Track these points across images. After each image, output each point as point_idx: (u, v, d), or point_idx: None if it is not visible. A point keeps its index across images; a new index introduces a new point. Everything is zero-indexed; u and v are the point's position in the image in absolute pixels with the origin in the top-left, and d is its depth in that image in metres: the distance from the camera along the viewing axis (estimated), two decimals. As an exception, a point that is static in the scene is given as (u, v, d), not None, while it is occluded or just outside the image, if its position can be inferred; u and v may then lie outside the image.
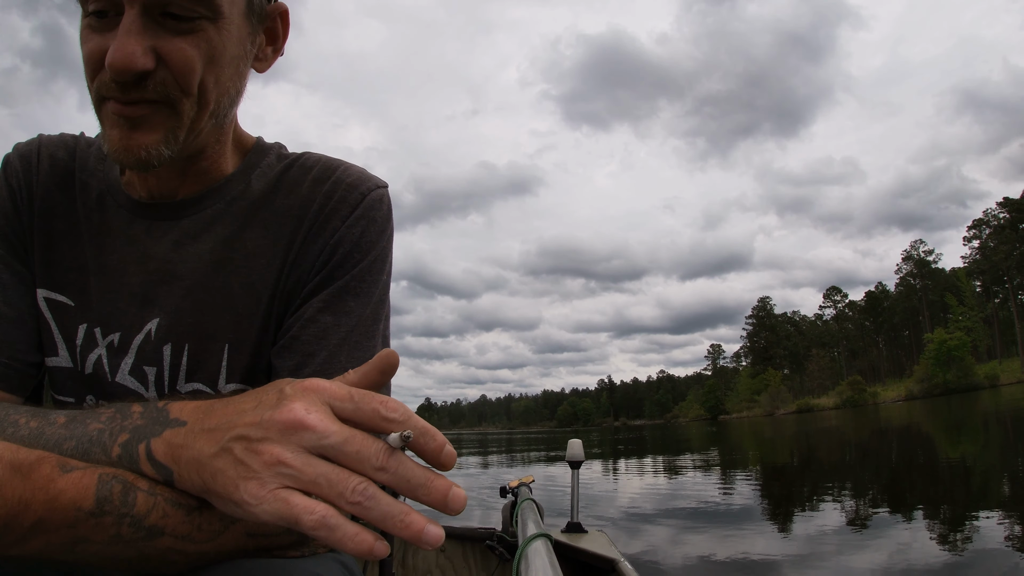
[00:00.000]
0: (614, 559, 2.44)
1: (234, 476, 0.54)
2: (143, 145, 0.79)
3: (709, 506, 10.80)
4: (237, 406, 0.58)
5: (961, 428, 26.70)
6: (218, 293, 0.89)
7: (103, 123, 0.80)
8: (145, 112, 0.78)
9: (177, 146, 0.81)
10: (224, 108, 0.86)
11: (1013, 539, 6.66)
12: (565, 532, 2.85)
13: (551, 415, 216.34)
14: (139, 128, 0.78)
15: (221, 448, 0.55)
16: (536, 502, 2.31)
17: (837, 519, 8.80)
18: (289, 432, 0.53)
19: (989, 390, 73.03)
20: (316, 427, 0.52)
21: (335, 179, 0.93)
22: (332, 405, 0.55)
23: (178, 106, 0.79)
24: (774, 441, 33.77)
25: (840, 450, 23.59)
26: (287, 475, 0.52)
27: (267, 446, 0.53)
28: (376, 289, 0.92)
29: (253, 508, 0.53)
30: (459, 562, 2.97)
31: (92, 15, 0.76)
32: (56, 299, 0.92)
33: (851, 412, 73.87)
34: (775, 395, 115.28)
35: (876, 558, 6.42)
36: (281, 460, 0.52)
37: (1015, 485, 10.54)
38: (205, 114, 0.83)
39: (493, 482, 15.96)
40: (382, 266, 0.94)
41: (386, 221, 0.95)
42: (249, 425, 0.55)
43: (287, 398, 0.55)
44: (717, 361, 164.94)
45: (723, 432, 55.99)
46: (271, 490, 0.52)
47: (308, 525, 0.51)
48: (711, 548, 7.44)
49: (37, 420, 0.66)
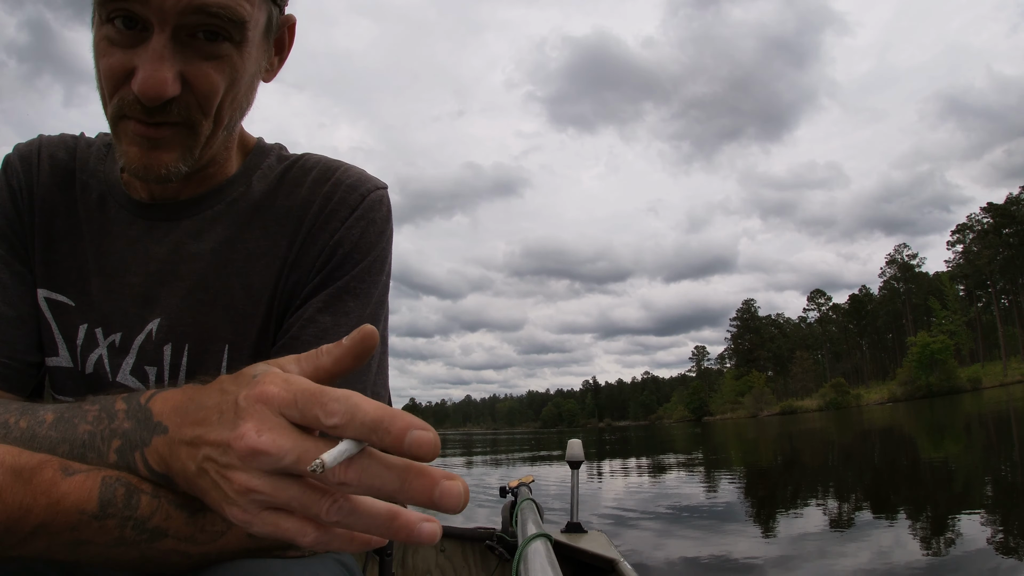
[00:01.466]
0: (614, 559, 2.42)
1: (218, 499, 0.54)
2: (163, 164, 0.80)
3: (692, 507, 10.76)
4: (203, 412, 0.56)
5: (943, 430, 26.91)
6: (218, 294, 0.89)
7: (121, 138, 0.80)
8: (166, 134, 0.79)
9: (193, 161, 0.83)
10: (235, 122, 0.88)
11: (994, 541, 6.68)
12: (565, 532, 2.84)
13: (536, 416, 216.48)
14: (158, 148, 0.79)
15: (198, 468, 0.55)
16: (536, 502, 2.36)
17: (820, 520, 8.79)
18: (249, 459, 0.51)
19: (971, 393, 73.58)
20: (269, 451, 0.50)
21: (335, 180, 0.93)
22: (284, 414, 0.51)
23: (197, 127, 0.80)
24: (758, 442, 33.97)
25: (823, 452, 23.69)
26: (261, 500, 0.51)
27: (233, 474, 0.52)
28: (376, 290, 0.92)
29: (245, 528, 0.53)
30: (459, 562, 2.94)
31: (112, 23, 0.74)
32: (57, 299, 0.92)
33: (834, 414, 74.39)
34: (759, 397, 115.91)
35: (859, 559, 6.41)
36: (250, 488, 0.51)
37: (997, 487, 10.58)
38: (219, 130, 0.84)
39: (476, 483, 15.92)
40: (381, 267, 0.93)
41: (385, 222, 0.95)
42: (215, 445, 0.53)
43: (241, 415, 0.52)
44: (701, 363, 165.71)
45: (707, 433, 56.40)
46: (254, 514, 0.52)
47: (306, 545, 0.52)
48: (695, 550, 7.41)
49: (26, 419, 0.65)
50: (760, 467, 19.55)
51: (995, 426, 25.58)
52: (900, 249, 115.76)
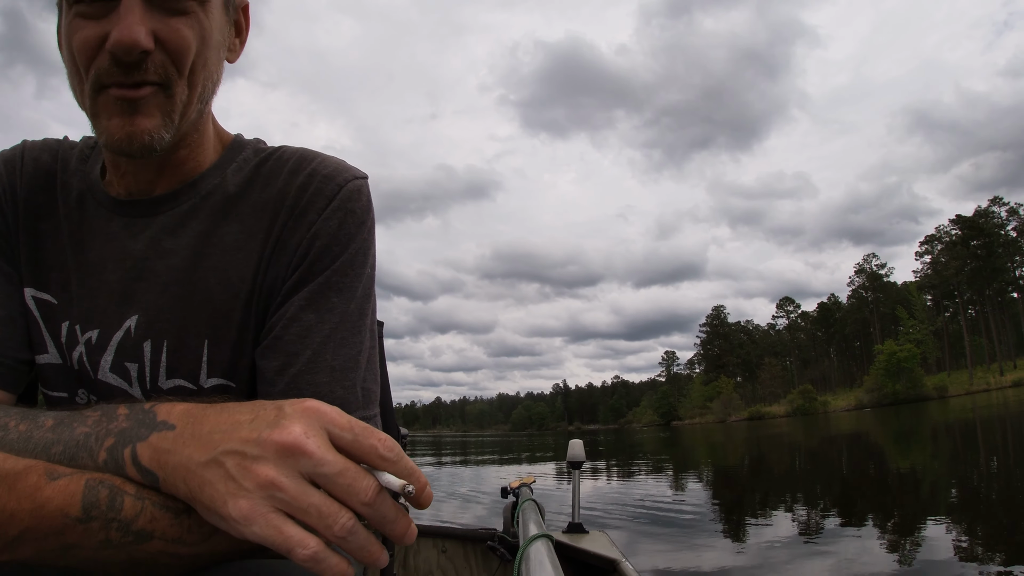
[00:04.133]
0: (615, 559, 2.40)
1: (223, 491, 0.54)
2: (146, 130, 0.79)
3: (660, 511, 10.76)
4: (232, 417, 0.59)
5: (909, 438, 27.17)
6: (195, 289, 0.88)
7: (100, 114, 0.80)
8: (146, 94, 0.79)
9: (174, 130, 0.83)
10: (208, 93, 0.88)
11: (960, 547, 6.76)
12: (566, 533, 2.82)
13: (506, 419, 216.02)
14: (139, 113, 0.79)
15: (212, 459, 0.56)
16: (537, 503, 2.35)
17: (788, 526, 8.79)
18: (286, 455, 0.53)
19: (937, 401, 74.55)
20: (314, 454, 0.53)
21: (310, 171, 0.91)
22: (330, 432, 0.55)
23: (173, 88, 0.80)
24: (725, 447, 34.22)
25: (790, 457, 23.86)
26: (279, 499, 0.53)
27: (262, 466, 0.53)
28: (359, 283, 0.90)
29: (239, 526, 0.54)
30: (460, 563, 2.95)
31: (81, 3, 0.77)
32: (42, 298, 0.92)
33: (801, 420, 74.99)
34: (727, 402, 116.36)
35: (826, 564, 6.44)
36: (275, 483, 0.53)
37: (963, 493, 10.65)
38: (195, 96, 0.84)
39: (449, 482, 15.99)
40: (364, 259, 0.91)
41: (365, 212, 0.92)
42: (245, 441, 0.55)
43: (286, 418, 0.55)
44: (671, 368, 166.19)
45: (676, 438, 56.60)
46: (262, 512, 0.53)
47: (299, 558, 0.52)
48: (663, 559, 7.39)
49: (26, 423, 0.66)
50: (728, 472, 19.62)
51: (960, 434, 25.86)
52: (869, 259, 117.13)
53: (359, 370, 0.88)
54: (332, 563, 0.54)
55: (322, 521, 0.53)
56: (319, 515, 0.53)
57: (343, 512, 0.53)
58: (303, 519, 0.53)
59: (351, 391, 0.86)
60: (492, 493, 13.94)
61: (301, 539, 0.52)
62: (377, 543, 0.56)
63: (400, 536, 0.57)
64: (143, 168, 0.90)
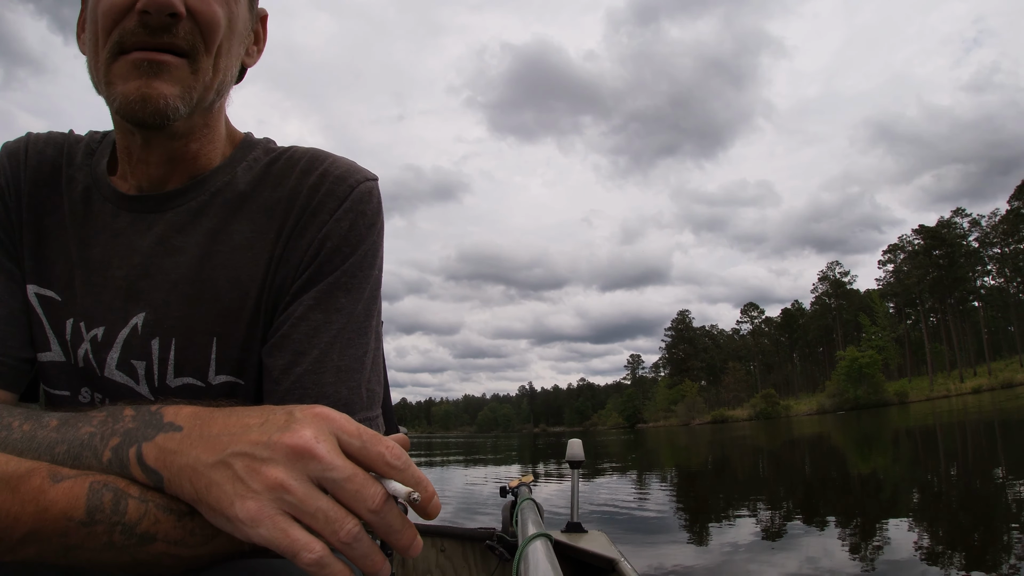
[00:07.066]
0: (614, 559, 2.38)
1: (231, 492, 0.54)
2: (163, 94, 0.78)
3: (623, 512, 10.72)
4: (241, 419, 0.59)
5: (871, 442, 27.38)
6: (204, 287, 0.88)
7: (115, 80, 0.79)
8: (169, 60, 0.79)
9: (191, 105, 0.82)
10: (226, 85, 0.88)
11: (921, 549, 6.79)
12: (565, 532, 2.78)
13: (472, 420, 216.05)
14: (159, 77, 0.78)
15: (221, 460, 0.56)
16: (536, 502, 2.36)
17: (751, 528, 8.75)
18: (296, 458, 0.53)
19: (898, 406, 75.30)
20: (323, 458, 0.53)
21: (322, 171, 0.91)
22: (339, 437, 0.56)
23: (199, 62, 0.81)
24: (689, 450, 34.29)
25: (753, 460, 23.92)
26: (287, 502, 0.53)
27: (271, 468, 0.54)
28: (367, 285, 0.90)
29: (245, 528, 0.54)
30: (459, 562, 2.95)
31: None
32: (45, 294, 0.91)
33: (764, 424, 75.61)
34: (691, 405, 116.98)
35: (790, 565, 6.42)
36: (284, 485, 0.53)
37: (923, 496, 10.72)
38: (216, 80, 0.84)
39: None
40: (372, 260, 0.91)
41: (376, 214, 0.93)
42: (255, 443, 0.55)
43: (297, 422, 0.56)
44: (636, 371, 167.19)
45: (641, 440, 56.64)
46: (269, 514, 0.53)
47: (303, 561, 0.52)
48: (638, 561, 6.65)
49: (30, 423, 0.66)
50: (692, 473, 19.62)
51: (921, 439, 26.08)
52: (832, 266, 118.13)
53: (364, 371, 0.88)
54: (336, 569, 0.53)
55: (328, 526, 0.53)
56: (326, 520, 0.53)
57: (349, 518, 0.53)
58: (309, 523, 0.53)
59: (356, 392, 0.86)
60: (460, 492, 14.10)
61: (307, 543, 0.52)
62: (380, 553, 0.56)
63: (405, 547, 0.56)
64: (155, 154, 0.88)
